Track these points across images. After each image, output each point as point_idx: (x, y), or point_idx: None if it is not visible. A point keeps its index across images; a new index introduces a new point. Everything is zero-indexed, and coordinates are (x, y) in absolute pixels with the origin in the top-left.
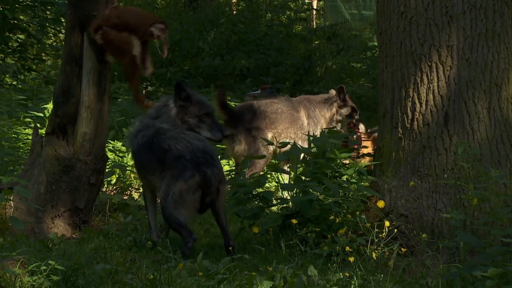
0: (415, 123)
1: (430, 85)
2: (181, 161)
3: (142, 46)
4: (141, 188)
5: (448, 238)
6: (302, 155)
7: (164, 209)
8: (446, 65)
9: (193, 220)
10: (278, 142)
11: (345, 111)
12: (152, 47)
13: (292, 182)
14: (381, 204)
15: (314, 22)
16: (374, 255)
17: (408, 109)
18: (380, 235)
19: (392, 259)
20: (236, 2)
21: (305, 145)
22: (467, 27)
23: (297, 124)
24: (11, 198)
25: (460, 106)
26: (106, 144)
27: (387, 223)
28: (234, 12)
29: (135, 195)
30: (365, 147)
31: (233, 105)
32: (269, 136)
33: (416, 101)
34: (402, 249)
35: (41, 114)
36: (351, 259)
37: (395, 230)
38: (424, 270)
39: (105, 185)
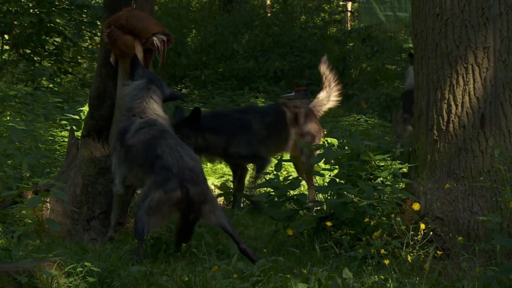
0: (451, 125)
1: (466, 87)
2: (167, 172)
3: (145, 53)
4: None
5: (485, 241)
6: None
7: (138, 210)
8: (482, 67)
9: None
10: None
11: None
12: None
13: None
14: (416, 206)
15: (348, 24)
16: (409, 258)
17: (444, 111)
18: (416, 238)
19: (428, 262)
20: (270, 5)
21: None
22: (503, 29)
23: None
24: (48, 200)
25: (496, 108)
26: None
27: (422, 226)
28: (269, 15)
29: None
30: None
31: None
32: None
33: (452, 103)
34: (438, 252)
35: (77, 117)
36: (386, 261)
37: (431, 232)
38: (460, 273)
39: None
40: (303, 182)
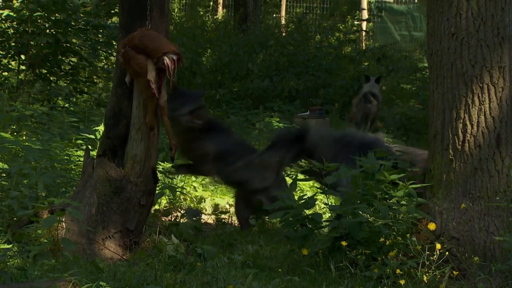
0: (466, 145)
1: (482, 106)
2: None
3: (158, 73)
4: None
5: (501, 261)
6: None
7: None
8: (498, 87)
9: (244, 240)
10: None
11: None
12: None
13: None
14: (432, 226)
15: (363, 44)
16: (425, 278)
17: (459, 130)
18: (431, 258)
19: (444, 282)
20: (285, 24)
21: None
22: None
23: None
24: (63, 219)
25: None
26: (156, 166)
27: (438, 246)
28: (283, 34)
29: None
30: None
31: (282, 127)
32: None
33: (467, 122)
34: (454, 272)
35: (93, 136)
36: (402, 282)
37: (447, 252)
38: None
39: (158, 206)
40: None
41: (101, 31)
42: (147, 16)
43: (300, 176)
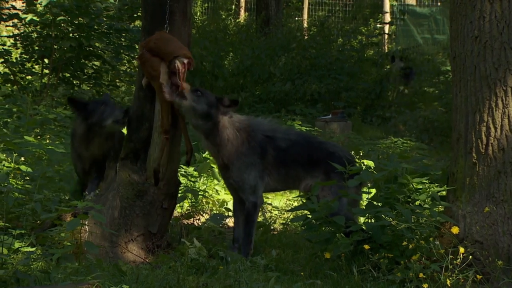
0: (490, 148)
1: (505, 109)
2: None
3: (170, 76)
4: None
5: None
6: None
7: (339, 211)
8: None
9: (264, 244)
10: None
11: None
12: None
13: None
14: (455, 230)
15: (386, 47)
16: (448, 282)
17: (483, 134)
18: (455, 262)
19: (467, 286)
20: (307, 27)
21: None
22: None
23: None
24: (86, 222)
25: None
26: (178, 169)
27: (461, 250)
28: (306, 37)
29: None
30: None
31: (304, 130)
32: None
33: (491, 126)
34: (477, 276)
35: None
36: (425, 286)
37: (470, 256)
38: None
39: (180, 209)
40: None
41: (123, 34)
42: (171, 20)
43: None
